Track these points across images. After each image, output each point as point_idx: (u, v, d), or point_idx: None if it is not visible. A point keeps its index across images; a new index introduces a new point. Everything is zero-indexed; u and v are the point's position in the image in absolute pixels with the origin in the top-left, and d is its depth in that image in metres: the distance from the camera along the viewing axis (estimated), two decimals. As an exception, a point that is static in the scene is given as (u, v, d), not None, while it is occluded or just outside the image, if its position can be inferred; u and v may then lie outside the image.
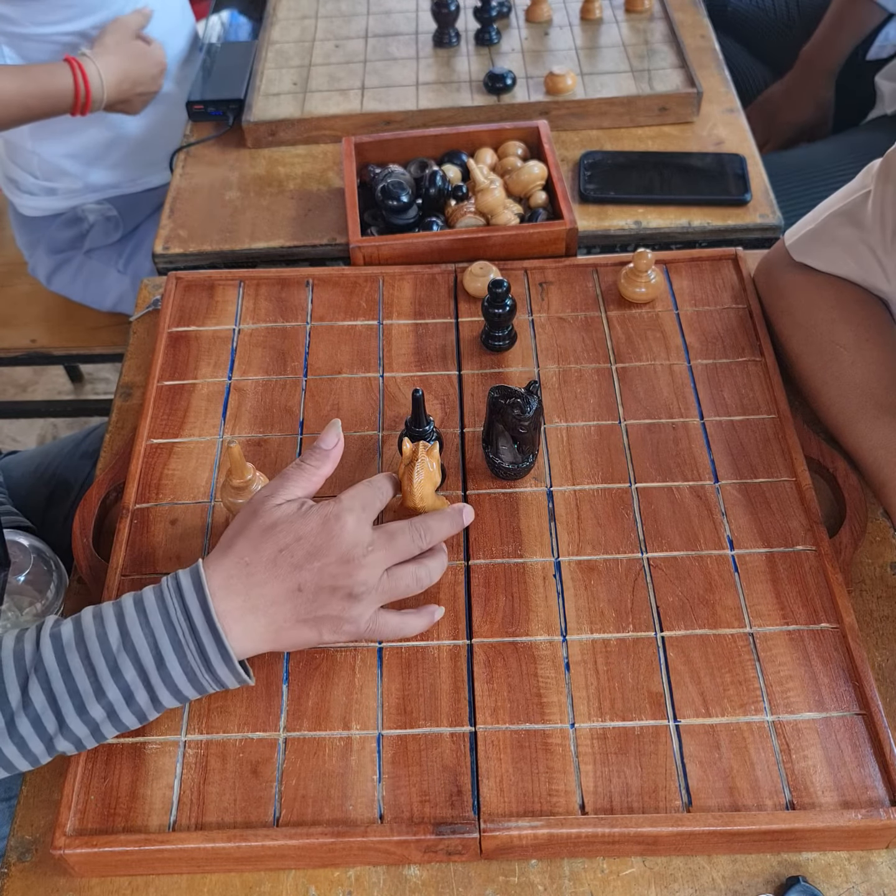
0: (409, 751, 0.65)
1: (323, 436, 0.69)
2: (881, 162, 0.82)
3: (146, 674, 0.60)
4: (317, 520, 0.64)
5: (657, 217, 1.06)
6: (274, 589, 0.62)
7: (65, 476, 1.03)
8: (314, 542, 0.63)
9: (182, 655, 0.61)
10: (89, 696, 0.60)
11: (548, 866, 0.63)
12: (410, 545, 0.66)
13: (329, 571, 0.62)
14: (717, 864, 0.63)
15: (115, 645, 0.60)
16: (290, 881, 0.63)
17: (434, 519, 0.68)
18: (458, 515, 0.69)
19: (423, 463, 0.70)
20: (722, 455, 0.80)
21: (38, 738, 0.60)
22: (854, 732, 0.65)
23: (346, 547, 0.63)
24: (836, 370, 0.81)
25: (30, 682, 0.60)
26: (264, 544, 0.63)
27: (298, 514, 0.64)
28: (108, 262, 1.42)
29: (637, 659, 0.69)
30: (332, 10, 1.35)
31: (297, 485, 0.66)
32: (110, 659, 0.60)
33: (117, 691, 0.60)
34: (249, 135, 1.17)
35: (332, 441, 0.68)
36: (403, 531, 0.66)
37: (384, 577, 0.65)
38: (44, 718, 0.60)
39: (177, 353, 0.90)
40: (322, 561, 0.62)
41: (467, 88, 1.20)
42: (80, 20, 1.26)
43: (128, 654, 0.60)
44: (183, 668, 0.61)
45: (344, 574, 0.63)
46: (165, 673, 0.61)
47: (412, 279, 0.95)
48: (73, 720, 0.60)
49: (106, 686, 0.60)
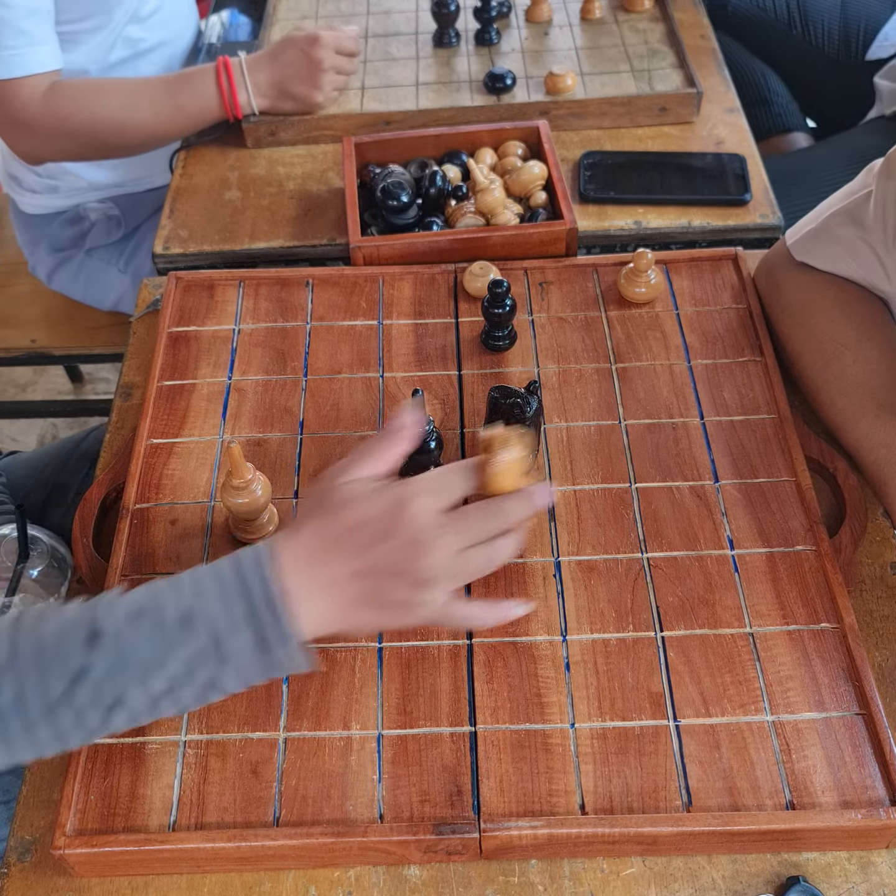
0: (409, 751, 0.65)
1: (396, 415, 0.65)
2: (882, 162, 0.82)
3: (207, 650, 0.58)
4: (386, 501, 0.61)
5: (657, 217, 1.06)
6: (340, 570, 0.60)
7: (62, 478, 1.03)
8: (382, 524, 0.60)
9: (240, 634, 0.58)
10: (153, 667, 0.58)
11: (548, 866, 0.63)
12: (482, 529, 0.63)
13: (395, 555, 0.60)
14: (717, 864, 0.63)
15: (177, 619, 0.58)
16: (290, 881, 0.63)
17: (508, 501, 0.64)
18: (533, 497, 0.65)
19: (510, 449, 0.65)
20: (722, 455, 0.80)
21: (95, 710, 0.58)
22: (854, 732, 0.65)
23: (415, 530, 0.60)
24: (836, 369, 0.81)
25: (93, 647, 0.58)
26: (334, 523, 0.61)
27: (366, 495, 0.62)
28: (108, 261, 1.42)
29: (637, 659, 0.69)
30: (331, 10, 1.35)
31: (369, 465, 0.64)
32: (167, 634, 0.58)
33: (179, 664, 0.58)
34: (249, 135, 1.17)
35: (404, 423, 0.65)
36: (475, 514, 0.63)
37: (455, 561, 0.61)
38: (104, 687, 0.58)
39: (177, 353, 0.90)
40: (389, 544, 0.60)
41: (467, 88, 1.20)
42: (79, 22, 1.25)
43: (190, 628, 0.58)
44: (239, 646, 0.58)
45: (411, 557, 0.60)
46: (226, 651, 0.58)
47: (412, 279, 0.95)
48: (134, 691, 0.58)
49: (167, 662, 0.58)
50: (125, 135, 1.18)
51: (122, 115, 1.16)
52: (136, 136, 1.18)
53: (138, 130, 1.17)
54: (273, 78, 1.15)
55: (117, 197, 1.40)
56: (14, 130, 1.17)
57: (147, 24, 1.31)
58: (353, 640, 0.70)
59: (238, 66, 1.15)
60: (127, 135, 1.18)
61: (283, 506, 0.78)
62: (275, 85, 1.16)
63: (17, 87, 1.12)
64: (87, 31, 1.24)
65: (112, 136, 1.17)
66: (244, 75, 1.15)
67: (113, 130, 1.17)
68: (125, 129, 1.17)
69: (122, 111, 1.16)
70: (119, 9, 1.25)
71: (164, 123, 1.16)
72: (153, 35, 1.32)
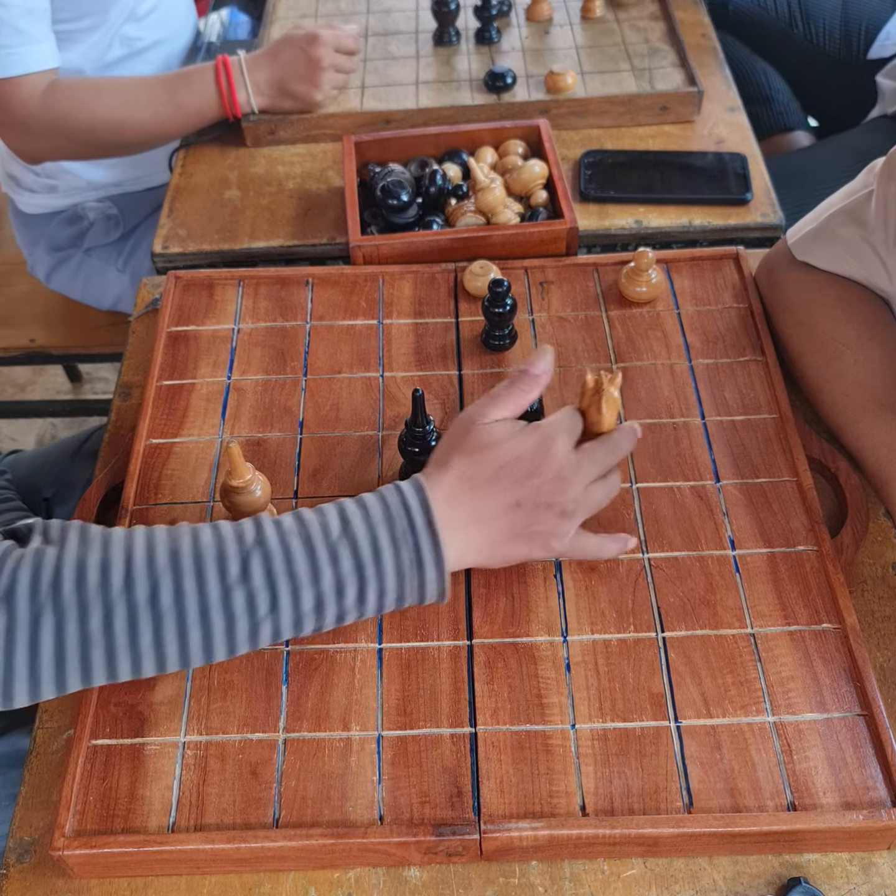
0: (409, 752, 0.65)
1: (533, 359, 0.70)
2: (884, 161, 0.81)
3: (362, 566, 0.61)
4: (534, 439, 0.66)
5: (658, 216, 1.05)
6: (496, 503, 0.65)
7: (68, 476, 1.03)
8: (532, 461, 0.66)
9: (398, 551, 0.61)
10: (305, 580, 0.60)
11: (548, 868, 0.63)
12: (605, 462, 0.69)
13: (546, 489, 0.66)
14: (718, 866, 0.62)
15: (336, 533, 0.61)
16: (289, 882, 0.63)
17: (616, 437, 0.70)
18: (632, 433, 0.71)
19: (609, 394, 0.70)
20: (723, 455, 0.80)
21: (248, 618, 0.59)
22: (855, 733, 0.65)
23: (559, 466, 0.66)
24: (837, 369, 0.81)
25: (251, 557, 0.60)
26: (485, 460, 0.65)
27: (514, 433, 0.67)
28: (107, 260, 1.42)
29: (638, 659, 0.69)
30: (331, 9, 1.35)
31: (507, 406, 0.68)
32: (330, 544, 0.61)
33: (332, 579, 0.60)
34: (249, 133, 1.17)
35: (541, 366, 0.70)
36: (600, 450, 0.69)
37: (586, 493, 0.68)
38: (258, 597, 0.59)
39: (176, 353, 0.90)
40: (540, 479, 0.65)
41: (467, 87, 1.19)
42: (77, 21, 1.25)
43: (348, 542, 0.61)
44: (397, 564, 0.61)
45: (559, 491, 0.66)
46: (380, 568, 0.61)
47: (412, 278, 0.95)
48: (285, 603, 0.60)
49: (322, 572, 0.60)
50: (124, 134, 1.17)
51: (121, 114, 1.16)
52: (135, 135, 1.18)
53: (137, 129, 1.17)
54: (272, 77, 1.15)
55: (116, 196, 1.40)
56: (13, 130, 1.17)
57: (144, 23, 1.31)
58: (353, 641, 0.70)
59: (237, 64, 1.15)
60: (126, 134, 1.17)
61: (282, 506, 0.78)
62: (274, 84, 1.15)
63: (15, 87, 1.12)
64: (83, 30, 1.24)
65: (111, 135, 1.17)
66: (243, 74, 1.15)
67: (112, 129, 1.17)
68: (124, 128, 1.17)
69: (121, 110, 1.16)
70: (115, 7, 1.25)
71: (163, 122, 1.16)
72: (150, 34, 1.32)
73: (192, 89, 1.15)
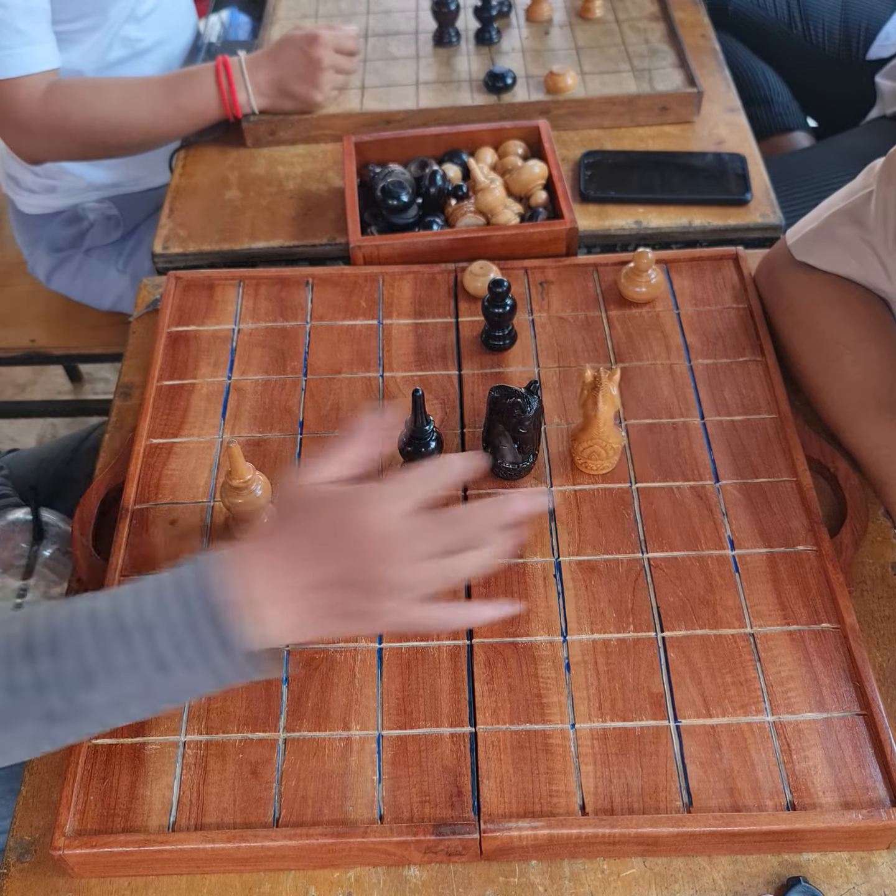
0: (409, 751, 0.65)
1: (359, 419, 0.61)
2: (883, 162, 0.81)
3: (147, 660, 0.55)
4: (342, 510, 0.58)
5: (658, 217, 1.05)
6: (299, 580, 0.57)
7: (69, 473, 1.03)
8: (338, 534, 0.58)
9: (181, 641, 0.55)
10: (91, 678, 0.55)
11: (548, 867, 0.63)
12: (448, 538, 0.58)
13: (350, 566, 0.57)
14: (717, 865, 0.63)
15: (116, 629, 0.55)
16: (289, 882, 0.63)
17: (474, 507, 0.59)
18: (507, 503, 0.59)
19: (606, 389, 0.67)
20: (723, 455, 0.80)
21: (32, 719, 0.56)
22: (855, 733, 0.65)
23: (371, 540, 0.57)
24: (837, 369, 0.81)
25: (32, 658, 0.55)
26: (298, 532, 0.58)
27: (329, 502, 0.59)
28: (107, 261, 1.42)
29: (637, 659, 0.69)
30: (331, 10, 1.35)
31: (332, 467, 0.60)
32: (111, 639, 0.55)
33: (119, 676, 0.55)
34: (249, 134, 1.17)
35: (359, 428, 0.61)
36: (446, 522, 0.58)
37: (415, 570, 0.58)
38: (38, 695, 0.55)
39: (176, 353, 0.90)
40: (344, 554, 0.57)
41: (467, 88, 1.19)
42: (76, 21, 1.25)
43: (128, 637, 0.55)
44: (180, 654, 0.55)
45: (365, 569, 0.57)
46: (165, 659, 0.55)
47: (412, 279, 0.95)
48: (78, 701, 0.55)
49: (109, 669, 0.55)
50: (124, 134, 1.17)
51: (121, 115, 1.16)
52: (135, 135, 1.18)
53: (138, 130, 1.17)
54: (272, 77, 1.15)
55: (116, 197, 1.40)
56: (13, 130, 1.17)
57: (144, 24, 1.31)
58: (353, 641, 0.70)
59: (237, 65, 1.15)
60: (126, 134, 1.17)
61: (282, 506, 0.78)
62: (274, 84, 1.15)
63: (16, 87, 1.12)
64: (82, 30, 1.24)
65: (111, 135, 1.17)
66: (244, 74, 1.15)
67: (112, 130, 1.17)
68: (124, 128, 1.17)
69: (122, 111, 1.16)
70: (114, 8, 1.25)
71: (163, 123, 1.16)
72: (151, 35, 1.32)
73: (192, 90, 1.15)
